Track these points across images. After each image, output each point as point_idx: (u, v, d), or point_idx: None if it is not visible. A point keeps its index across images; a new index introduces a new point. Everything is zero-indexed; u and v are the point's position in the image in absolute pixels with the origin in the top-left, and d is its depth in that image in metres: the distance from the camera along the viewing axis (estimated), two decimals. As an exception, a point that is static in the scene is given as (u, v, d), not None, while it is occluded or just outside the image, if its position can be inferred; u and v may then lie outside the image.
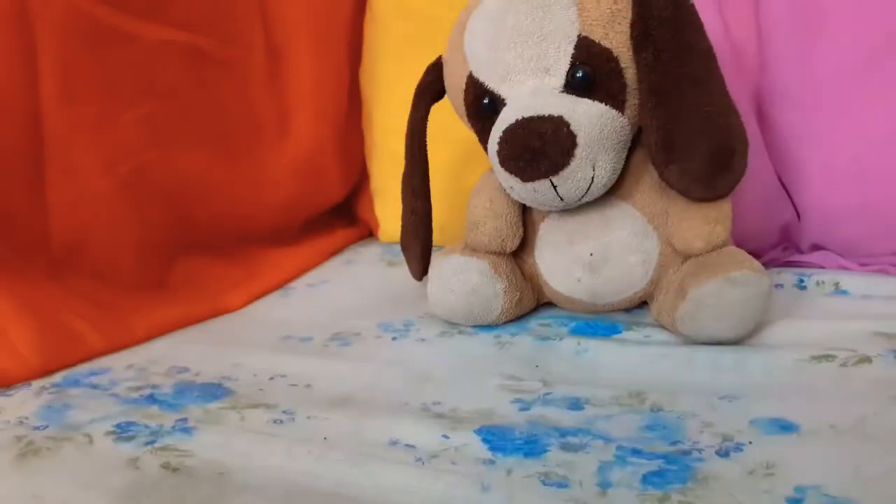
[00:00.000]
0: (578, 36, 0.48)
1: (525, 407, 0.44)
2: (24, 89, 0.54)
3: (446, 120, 0.58)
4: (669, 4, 0.49)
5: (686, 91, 0.48)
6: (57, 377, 0.52)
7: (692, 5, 0.50)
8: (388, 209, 0.81)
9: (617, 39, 0.49)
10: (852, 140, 0.61)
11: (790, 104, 0.63)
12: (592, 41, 0.48)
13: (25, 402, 0.49)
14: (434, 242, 0.61)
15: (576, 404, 0.44)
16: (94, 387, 0.51)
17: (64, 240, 0.57)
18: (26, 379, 0.52)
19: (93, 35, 0.57)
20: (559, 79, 0.49)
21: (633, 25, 0.49)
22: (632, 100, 0.50)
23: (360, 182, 0.85)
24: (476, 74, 0.52)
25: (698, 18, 0.50)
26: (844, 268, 0.61)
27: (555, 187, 0.48)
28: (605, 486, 0.36)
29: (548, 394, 0.46)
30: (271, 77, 0.73)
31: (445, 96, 0.58)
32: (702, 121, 0.48)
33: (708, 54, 0.50)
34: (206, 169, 0.67)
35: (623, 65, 0.49)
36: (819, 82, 0.61)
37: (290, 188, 0.75)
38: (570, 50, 0.48)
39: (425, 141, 0.59)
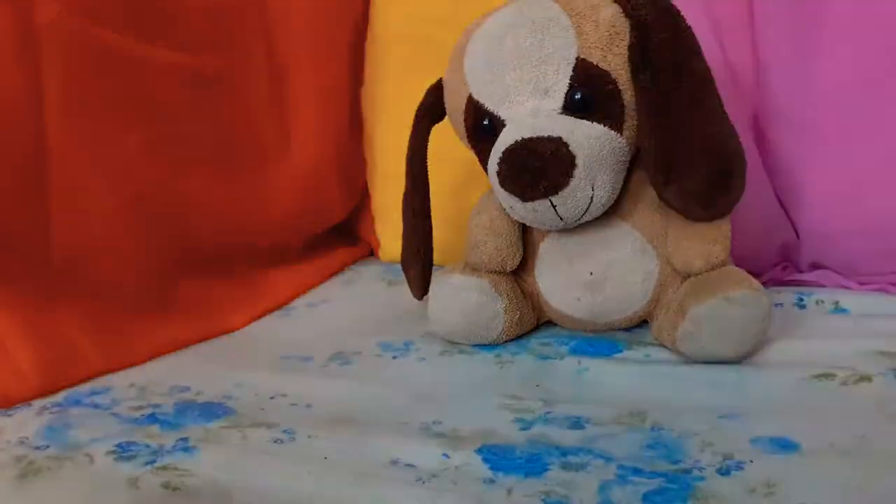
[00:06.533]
0: (577, 58, 0.49)
1: (526, 426, 0.44)
2: (29, 111, 0.54)
3: (447, 140, 0.58)
4: (667, 27, 0.50)
5: (684, 112, 0.49)
6: (58, 397, 0.52)
7: (689, 28, 0.51)
8: (388, 229, 0.81)
9: (615, 62, 0.49)
10: (851, 160, 0.61)
11: (788, 125, 0.63)
12: (591, 63, 0.49)
13: (26, 421, 0.49)
14: (435, 262, 0.61)
15: (576, 423, 0.44)
16: (96, 406, 0.51)
17: (66, 259, 0.57)
18: (27, 398, 0.51)
19: (98, 58, 0.57)
20: (558, 100, 0.49)
21: (631, 48, 0.49)
22: (630, 121, 0.50)
23: (360, 202, 0.85)
24: (476, 96, 0.52)
25: (696, 41, 0.51)
26: (844, 287, 0.62)
27: (554, 207, 0.49)
28: (606, 505, 0.36)
29: (548, 413, 0.46)
30: (273, 98, 0.74)
31: (446, 117, 0.58)
32: (700, 142, 0.49)
33: (705, 76, 0.50)
34: (209, 189, 0.67)
35: (621, 86, 0.50)
36: (817, 103, 0.62)
37: (292, 208, 0.75)
38: (569, 72, 0.49)
39: (426, 161, 0.59)
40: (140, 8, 0.60)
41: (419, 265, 0.60)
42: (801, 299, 0.60)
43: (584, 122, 0.49)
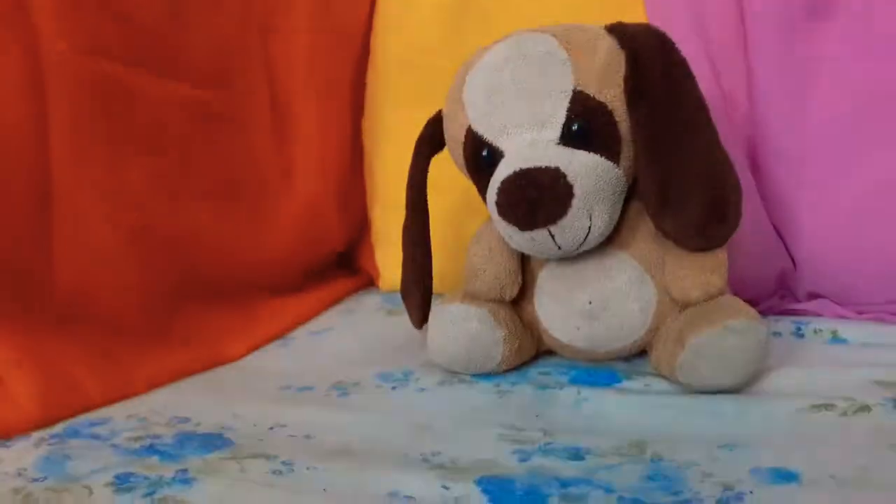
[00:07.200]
0: (574, 90, 0.50)
1: (525, 457, 0.44)
2: (34, 144, 0.55)
3: (446, 170, 0.59)
4: (662, 59, 0.50)
5: (680, 143, 0.50)
6: (57, 428, 0.52)
7: (684, 60, 0.51)
8: (388, 258, 0.81)
9: (611, 93, 0.50)
10: (846, 190, 0.62)
11: (783, 155, 0.64)
12: (587, 95, 0.50)
13: (25, 453, 0.48)
14: (434, 291, 0.61)
15: (576, 454, 0.44)
16: (94, 437, 0.50)
17: (68, 290, 0.57)
18: (26, 430, 0.51)
19: (103, 90, 0.58)
20: (555, 132, 0.50)
21: (626, 80, 0.50)
22: (627, 151, 0.51)
23: (361, 231, 0.86)
24: (475, 127, 0.53)
25: (690, 72, 0.51)
26: (842, 316, 0.62)
27: (552, 236, 0.49)
28: (606, 537, 0.36)
29: (548, 443, 0.46)
30: (275, 129, 0.74)
31: (445, 148, 0.59)
32: (696, 172, 0.50)
33: (701, 107, 0.51)
34: (211, 220, 0.68)
35: (617, 118, 0.50)
36: (811, 134, 0.62)
37: (293, 238, 0.76)
38: (566, 104, 0.50)
39: (426, 191, 0.60)
40: (145, 42, 0.61)
41: (418, 294, 0.60)
42: (800, 328, 0.60)
43: (582, 152, 0.50)
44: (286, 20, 0.74)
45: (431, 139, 0.59)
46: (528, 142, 0.51)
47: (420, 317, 0.61)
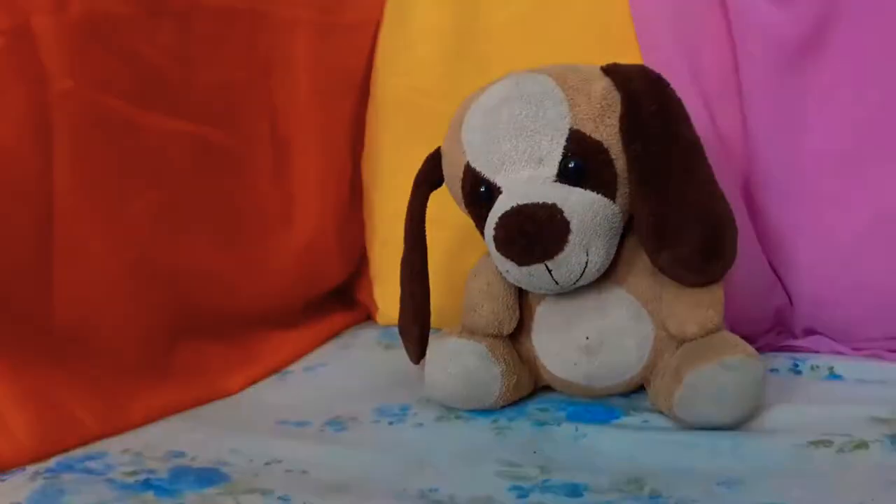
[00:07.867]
0: (570, 129, 0.51)
1: (523, 493, 0.44)
2: (37, 175, 0.55)
3: (444, 206, 0.60)
4: (657, 99, 0.51)
5: (675, 181, 0.50)
6: (52, 462, 0.51)
7: (679, 100, 0.52)
8: (386, 293, 0.81)
9: (607, 132, 0.51)
10: (841, 226, 0.62)
11: (778, 192, 0.65)
12: (584, 134, 0.51)
13: (19, 487, 0.48)
14: (432, 325, 0.61)
15: (574, 490, 0.44)
16: (89, 472, 0.50)
17: (67, 323, 0.57)
18: (21, 463, 0.51)
19: (107, 126, 0.59)
20: (552, 169, 0.51)
21: (622, 119, 0.51)
22: (622, 188, 0.52)
23: (359, 266, 0.86)
24: (473, 164, 0.54)
25: (685, 111, 0.52)
26: (838, 352, 0.62)
27: (550, 271, 0.49)
28: (604, 575, 0.36)
29: (546, 480, 0.46)
30: (276, 166, 0.75)
31: (444, 184, 0.60)
32: (691, 209, 0.50)
33: (695, 145, 0.52)
34: (211, 255, 0.68)
35: (613, 156, 0.51)
36: (805, 170, 0.63)
37: (292, 274, 0.76)
38: (563, 142, 0.51)
39: (424, 227, 0.60)
40: (151, 81, 0.62)
41: (416, 329, 0.61)
42: (797, 365, 0.60)
43: (578, 189, 0.51)
44: (288, 60, 0.75)
45: (430, 175, 0.60)
46: (526, 178, 0.51)
47: (418, 352, 0.61)
